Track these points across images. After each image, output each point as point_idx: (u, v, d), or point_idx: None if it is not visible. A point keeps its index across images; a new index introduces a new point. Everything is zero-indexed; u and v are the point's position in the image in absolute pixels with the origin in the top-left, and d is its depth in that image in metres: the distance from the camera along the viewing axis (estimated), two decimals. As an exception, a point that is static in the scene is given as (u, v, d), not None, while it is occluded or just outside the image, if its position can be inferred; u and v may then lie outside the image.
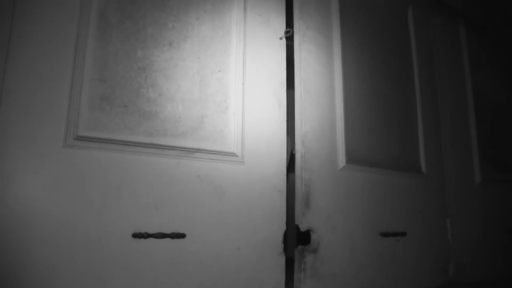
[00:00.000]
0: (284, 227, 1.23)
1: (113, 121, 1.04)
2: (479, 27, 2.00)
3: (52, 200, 0.94)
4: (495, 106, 1.93)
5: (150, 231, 1.03)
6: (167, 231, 1.05)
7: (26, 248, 0.89)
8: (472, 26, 1.97)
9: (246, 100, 1.24)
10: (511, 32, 2.20)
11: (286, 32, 1.33)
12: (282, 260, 1.21)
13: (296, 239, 1.20)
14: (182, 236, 1.07)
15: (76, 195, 0.96)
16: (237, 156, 1.19)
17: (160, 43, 1.14)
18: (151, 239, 1.03)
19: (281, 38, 1.33)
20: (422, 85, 1.71)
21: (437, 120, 1.75)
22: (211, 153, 1.15)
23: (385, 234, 1.41)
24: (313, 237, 1.21)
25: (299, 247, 1.19)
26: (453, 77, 1.87)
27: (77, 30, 1.03)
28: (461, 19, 1.96)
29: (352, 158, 1.36)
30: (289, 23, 1.36)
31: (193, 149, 1.13)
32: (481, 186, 1.80)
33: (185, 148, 1.12)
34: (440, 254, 1.60)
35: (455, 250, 1.64)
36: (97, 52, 1.05)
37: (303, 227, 1.20)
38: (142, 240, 1.02)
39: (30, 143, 0.93)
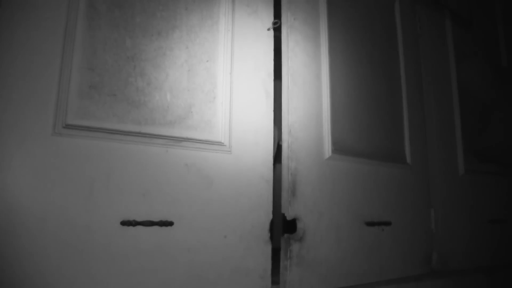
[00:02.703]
0: (270, 216, 1.25)
1: (102, 110, 1.05)
2: (465, 20, 2.03)
3: (40, 188, 0.94)
4: (479, 98, 1.96)
5: (138, 219, 1.04)
6: (155, 219, 1.07)
7: (13, 235, 0.90)
8: (458, 20, 2.00)
9: (234, 90, 1.25)
10: (496, 26, 2.22)
11: (274, 23, 1.34)
12: (268, 248, 1.23)
13: (282, 228, 1.22)
14: (170, 224, 1.08)
15: (65, 183, 0.97)
16: (224, 145, 1.20)
17: (149, 32, 1.15)
18: (139, 227, 1.04)
19: (268, 29, 1.34)
20: (408, 77, 1.73)
21: (422, 112, 1.77)
22: (199, 142, 1.16)
23: (370, 223, 1.43)
24: (299, 225, 1.22)
25: (285, 235, 1.21)
26: (439, 70, 1.89)
27: (66, 18, 1.03)
28: (447, 12, 1.98)
29: (338, 148, 1.38)
30: (277, 14, 1.37)
31: (181, 138, 1.14)
32: (465, 177, 1.83)
33: (173, 137, 1.13)
34: (423, 243, 1.62)
35: (438, 239, 1.67)
36: (86, 41, 1.05)
37: (289, 216, 1.22)
38: (130, 227, 1.03)
39: (19, 131, 0.93)
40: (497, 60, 2.17)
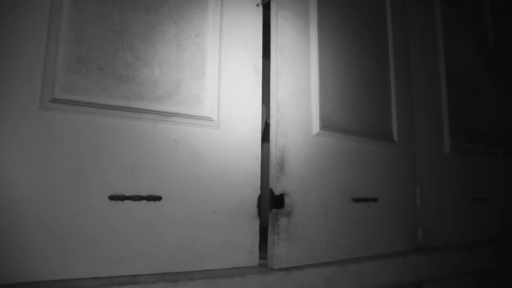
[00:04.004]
0: (258, 191, 1.26)
1: (90, 84, 1.04)
2: (454, -1, 2.04)
3: (27, 163, 0.94)
4: (466, 78, 1.97)
5: (127, 194, 1.05)
6: (144, 193, 1.07)
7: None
8: (446, -2, 2.00)
9: (223, 66, 1.25)
10: (484, 5, 2.23)
11: (263, -1, 1.34)
12: (256, 223, 1.25)
13: (270, 203, 1.23)
14: (158, 198, 1.09)
15: (52, 158, 0.97)
16: (213, 120, 1.21)
17: (137, 7, 1.14)
18: (127, 201, 1.05)
19: (258, 5, 1.34)
20: (396, 56, 1.74)
21: (410, 91, 1.78)
22: (188, 118, 1.16)
23: (357, 200, 1.45)
24: (287, 201, 1.23)
25: (273, 210, 1.22)
26: (427, 49, 1.89)
27: (52, -9, 1.02)
28: (437, -10, 1.98)
29: (326, 124, 1.38)
30: (267, -10, 1.37)
31: (169, 113, 1.14)
32: (450, 155, 1.86)
33: (161, 112, 1.13)
34: (409, 219, 1.65)
35: (424, 216, 1.70)
36: (73, 14, 1.04)
37: (277, 191, 1.22)
38: (119, 202, 1.04)
39: (4, 105, 0.93)
40: (484, 40, 2.19)
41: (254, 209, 1.24)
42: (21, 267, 0.91)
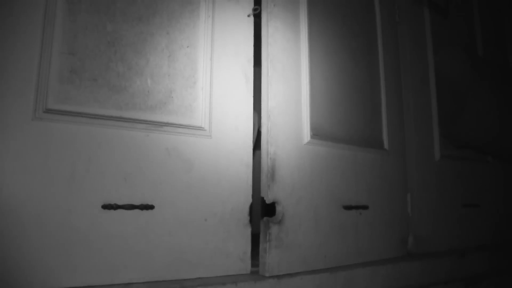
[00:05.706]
0: (250, 200, 1.27)
1: (83, 95, 1.05)
2: (442, 7, 2.06)
3: (21, 172, 0.95)
4: (455, 86, 1.99)
5: (120, 203, 1.06)
6: (136, 202, 1.08)
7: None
8: (435, 7, 2.02)
9: (214, 76, 1.26)
10: (472, 15, 2.26)
11: (254, 9, 1.35)
12: (248, 231, 1.26)
13: (262, 211, 1.24)
14: (150, 207, 1.09)
15: (46, 168, 0.98)
16: (204, 130, 1.22)
17: (129, 18, 1.15)
18: (120, 210, 1.06)
19: (249, 15, 1.35)
20: (386, 64, 1.76)
21: (400, 99, 1.80)
22: (180, 127, 1.18)
23: (348, 207, 1.46)
24: (278, 209, 1.25)
25: (265, 218, 1.23)
26: (416, 57, 1.92)
27: (45, 2, 1.03)
28: (426, 0, 2.00)
29: (317, 133, 1.40)
30: (257, 0, 1.38)
31: (161, 122, 1.15)
32: (440, 162, 1.88)
33: (153, 121, 1.14)
34: (400, 226, 1.66)
35: (414, 223, 1.71)
36: (66, 25, 1.05)
37: (268, 199, 1.24)
38: (112, 211, 1.04)
39: (-2, 116, 0.94)
40: (474, 49, 2.22)
41: (245, 217, 1.25)
42: (14, 277, 0.92)
